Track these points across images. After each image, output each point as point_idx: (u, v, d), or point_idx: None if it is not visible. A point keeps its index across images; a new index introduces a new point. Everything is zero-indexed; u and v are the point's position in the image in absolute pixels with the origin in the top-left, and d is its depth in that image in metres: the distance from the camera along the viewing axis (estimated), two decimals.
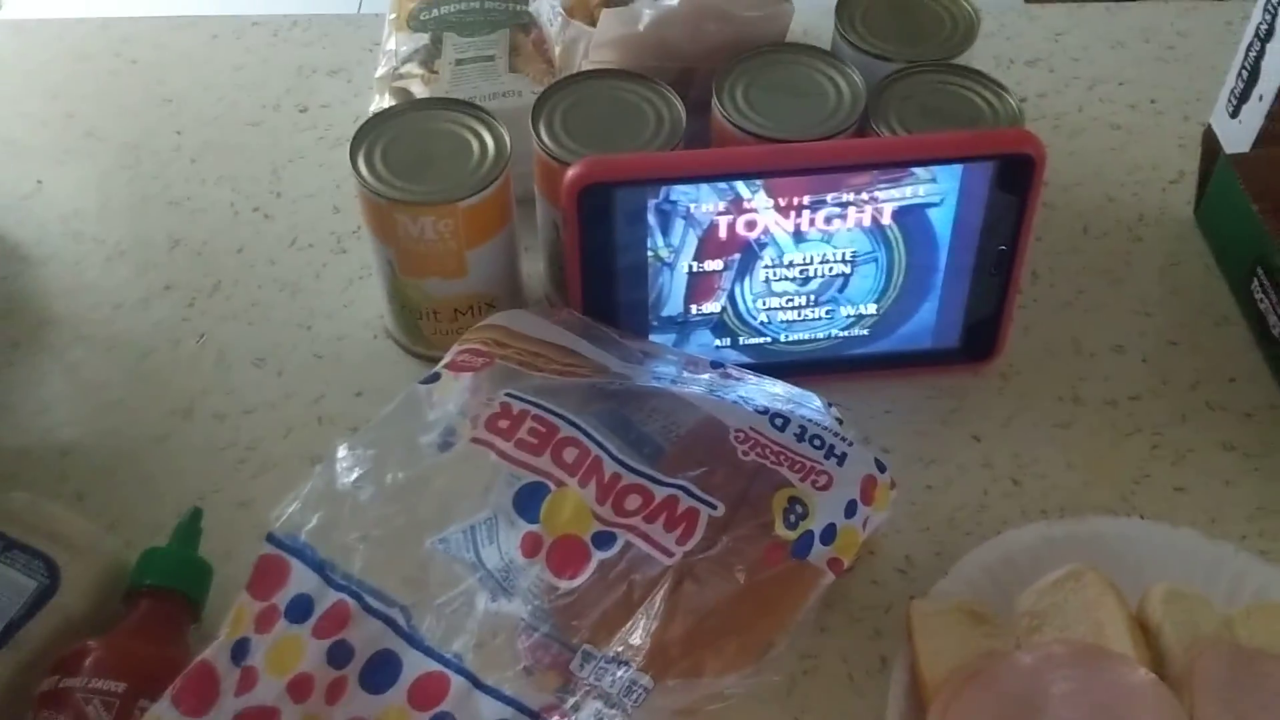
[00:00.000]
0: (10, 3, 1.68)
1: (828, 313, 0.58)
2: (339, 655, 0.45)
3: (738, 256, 0.56)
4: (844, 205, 0.54)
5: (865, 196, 0.54)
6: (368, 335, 0.63)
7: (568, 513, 0.46)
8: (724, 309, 0.58)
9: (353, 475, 0.47)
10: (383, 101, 0.67)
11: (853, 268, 0.56)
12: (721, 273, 0.56)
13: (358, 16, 0.84)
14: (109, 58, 0.79)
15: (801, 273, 0.56)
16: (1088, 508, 0.55)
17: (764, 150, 0.56)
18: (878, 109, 0.59)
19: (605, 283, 0.56)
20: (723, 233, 0.55)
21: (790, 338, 0.59)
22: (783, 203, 0.54)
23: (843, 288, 0.57)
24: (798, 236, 0.55)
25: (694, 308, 0.57)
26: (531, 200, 0.60)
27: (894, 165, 0.53)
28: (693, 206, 0.54)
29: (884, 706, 0.48)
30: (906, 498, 0.54)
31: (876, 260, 0.56)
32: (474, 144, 0.57)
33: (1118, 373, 0.61)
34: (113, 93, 0.77)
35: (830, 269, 0.56)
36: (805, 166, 0.54)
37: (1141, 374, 0.61)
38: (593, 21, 0.63)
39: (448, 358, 0.52)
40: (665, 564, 0.46)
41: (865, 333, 0.59)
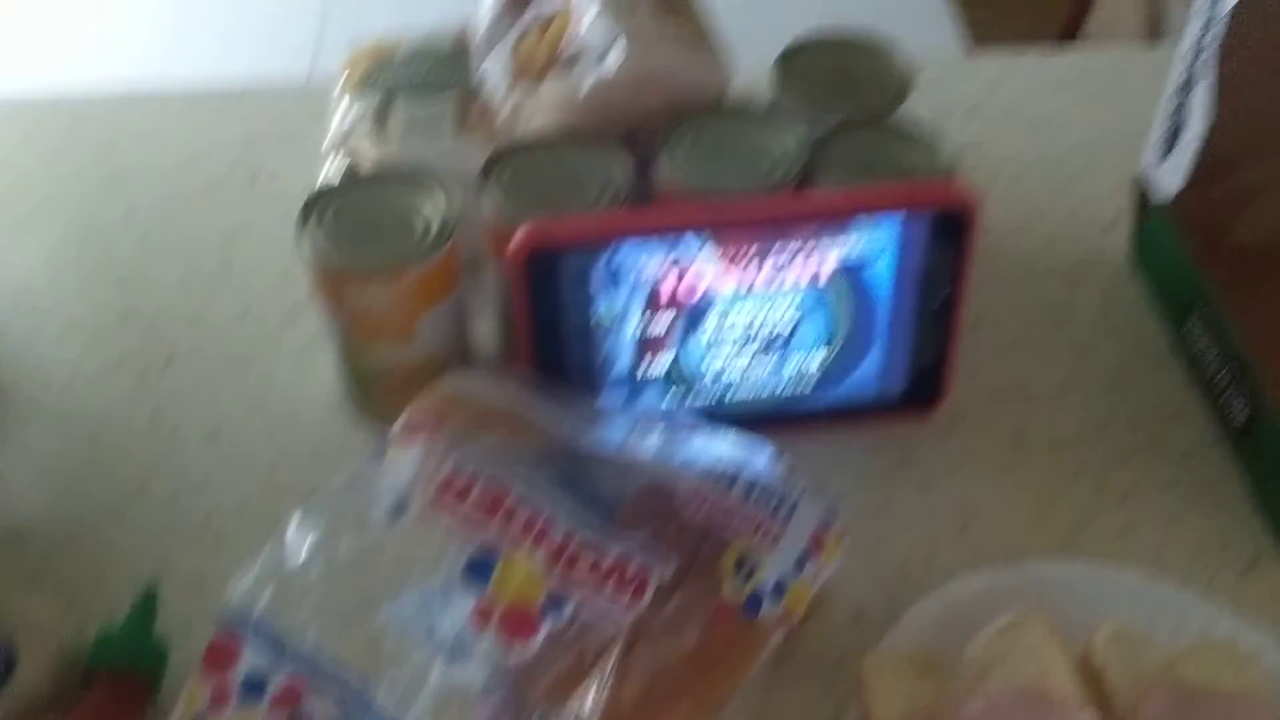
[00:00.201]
0: None
1: (774, 367, 0.59)
2: None
3: (685, 313, 0.57)
4: (786, 261, 0.55)
5: (807, 251, 0.55)
6: (321, 403, 0.63)
7: (518, 579, 0.47)
8: (673, 365, 0.58)
9: (304, 549, 0.48)
10: (333, 166, 0.67)
11: (798, 320, 0.57)
12: (669, 331, 0.57)
13: (307, 85, 0.85)
14: (58, 136, 0.79)
15: (748, 327, 0.57)
16: (1034, 551, 0.56)
17: (706, 207, 0.57)
18: (817, 165, 0.60)
19: (554, 344, 0.57)
20: (668, 292, 0.56)
21: (738, 393, 0.60)
22: (727, 259, 0.55)
23: (789, 340, 0.58)
24: (742, 293, 0.56)
25: (643, 366, 0.58)
26: (483, 261, 0.61)
27: (833, 220, 0.55)
28: (638, 267, 0.55)
29: None
30: (857, 548, 0.55)
31: (820, 314, 0.57)
32: (421, 211, 0.57)
33: (1061, 415, 0.62)
34: (63, 167, 0.77)
35: (775, 324, 0.57)
36: (747, 222, 0.55)
37: (1084, 416, 0.62)
38: (537, 86, 0.64)
39: (398, 425, 0.53)
40: (617, 626, 0.46)
41: (813, 383, 0.60)
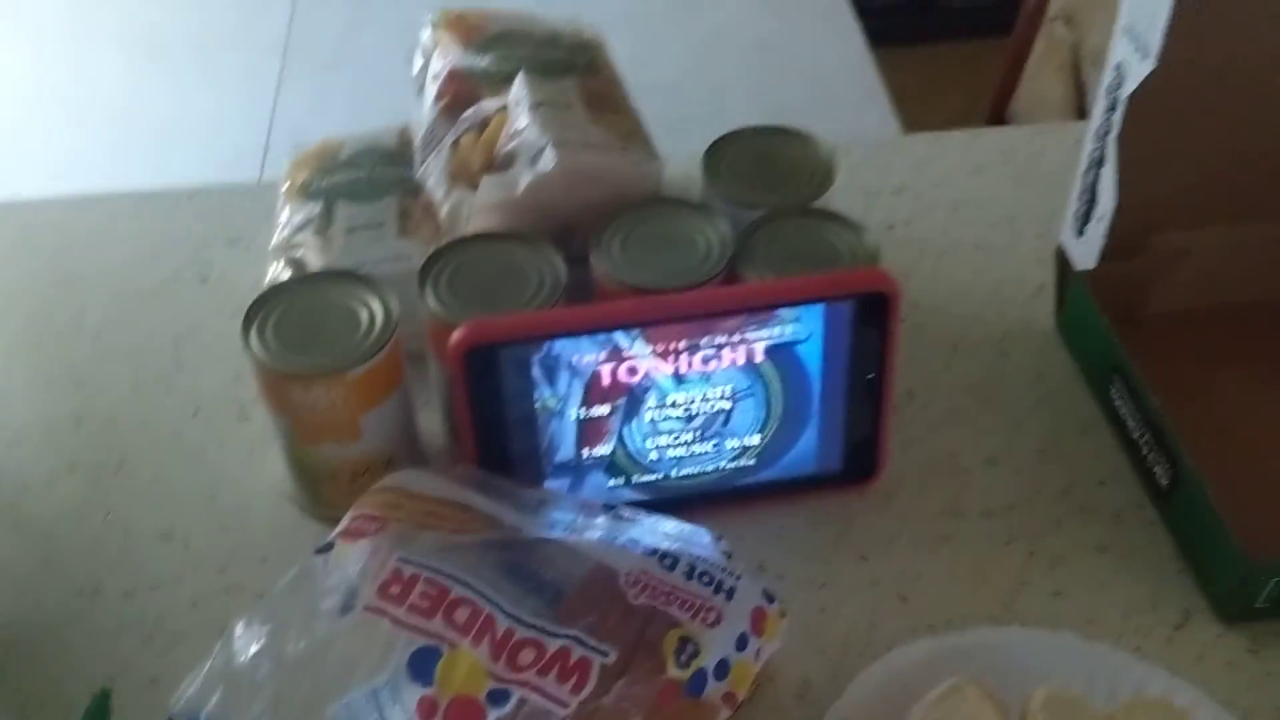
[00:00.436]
0: None
1: (714, 447, 0.61)
2: None
3: (623, 400, 0.58)
4: (718, 347, 0.57)
5: (737, 337, 0.57)
6: (272, 501, 0.64)
7: (462, 673, 0.48)
8: (615, 450, 0.60)
9: (251, 650, 0.48)
10: (278, 270, 0.69)
11: (733, 403, 0.59)
12: (609, 417, 0.59)
13: (256, 186, 0.87)
14: (9, 240, 0.80)
15: (685, 411, 0.59)
16: (972, 618, 0.58)
17: (635, 304, 0.59)
18: (744, 255, 0.62)
19: (497, 435, 0.58)
20: (606, 380, 0.57)
21: (681, 473, 0.61)
22: (660, 348, 0.57)
23: (726, 422, 0.60)
24: (678, 378, 0.58)
25: (586, 451, 0.60)
26: (427, 356, 0.62)
27: (759, 309, 0.57)
28: (575, 358, 0.56)
29: None
30: (800, 622, 0.56)
31: (755, 395, 0.59)
32: (362, 312, 0.59)
33: (993, 484, 0.64)
34: (13, 273, 0.78)
35: (712, 406, 0.59)
36: (676, 316, 0.57)
37: (1015, 484, 0.64)
38: (475, 187, 0.67)
39: (342, 525, 0.54)
40: (560, 715, 0.47)
41: (752, 463, 0.62)
